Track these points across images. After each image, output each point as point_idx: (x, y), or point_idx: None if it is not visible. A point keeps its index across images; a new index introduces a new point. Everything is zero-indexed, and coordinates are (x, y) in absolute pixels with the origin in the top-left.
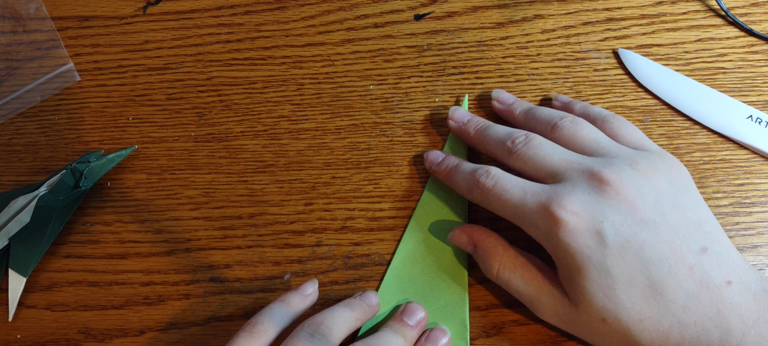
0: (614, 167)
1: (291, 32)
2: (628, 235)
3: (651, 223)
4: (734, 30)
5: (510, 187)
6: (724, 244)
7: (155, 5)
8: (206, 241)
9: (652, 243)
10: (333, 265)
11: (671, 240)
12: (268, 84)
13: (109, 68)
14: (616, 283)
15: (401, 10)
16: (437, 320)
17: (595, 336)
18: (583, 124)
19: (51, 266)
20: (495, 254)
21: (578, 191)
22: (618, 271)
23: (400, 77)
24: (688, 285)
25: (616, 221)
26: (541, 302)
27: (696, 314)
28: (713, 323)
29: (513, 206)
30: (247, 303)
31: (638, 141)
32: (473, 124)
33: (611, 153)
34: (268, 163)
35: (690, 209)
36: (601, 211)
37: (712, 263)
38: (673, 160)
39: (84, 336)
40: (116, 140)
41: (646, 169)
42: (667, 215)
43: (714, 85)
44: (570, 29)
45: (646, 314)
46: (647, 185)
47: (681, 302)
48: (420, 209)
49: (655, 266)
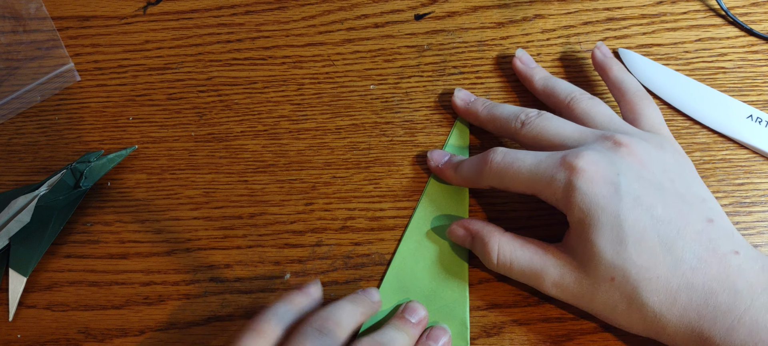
0: (626, 134)
1: (291, 32)
2: (640, 191)
3: (660, 186)
4: (734, 30)
5: (522, 155)
6: (727, 222)
7: (155, 5)
8: (206, 241)
9: (662, 204)
10: (333, 265)
11: (679, 206)
12: (268, 84)
13: (109, 68)
14: (627, 237)
15: (401, 10)
16: (438, 320)
17: (602, 301)
18: (601, 103)
19: (51, 266)
20: (492, 240)
21: (595, 147)
22: (629, 224)
23: (400, 77)
24: (696, 248)
25: (631, 176)
26: (546, 274)
27: (705, 276)
28: (722, 287)
29: (528, 171)
30: (247, 303)
31: (655, 125)
32: (481, 102)
33: (624, 130)
34: (268, 163)
35: (694, 186)
36: (617, 165)
37: (718, 233)
38: (679, 147)
39: (84, 336)
40: (116, 140)
41: (653, 144)
42: (675, 182)
43: (714, 85)
44: (570, 29)
45: (655, 273)
46: (656, 154)
47: (690, 262)
48: (421, 209)
49: (665, 226)
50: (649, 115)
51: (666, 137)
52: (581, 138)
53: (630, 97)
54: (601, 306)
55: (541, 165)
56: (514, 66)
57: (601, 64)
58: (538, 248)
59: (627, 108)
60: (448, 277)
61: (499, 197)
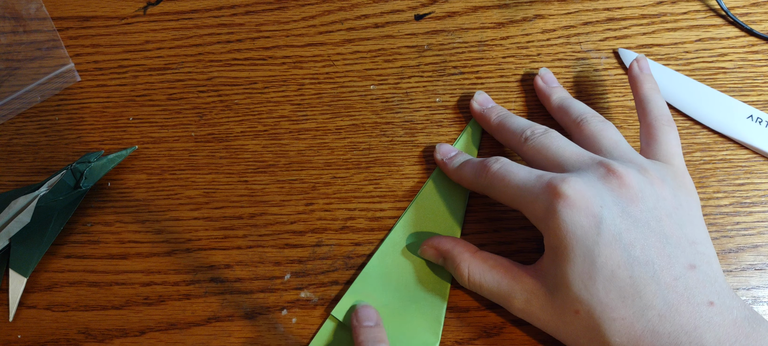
0: (623, 164)
1: (291, 32)
2: (622, 228)
3: (646, 225)
4: (734, 30)
5: (516, 169)
6: (714, 268)
7: (155, 5)
8: (206, 241)
9: (642, 244)
10: (333, 265)
11: (661, 247)
12: (268, 84)
13: (109, 68)
14: (598, 273)
15: (401, 10)
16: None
17: (566, 331)
18: (611, 127)
19: (51, 267)
20: (463, 259)
21: (585, 176)
22: (602, 261)
23: (400, 77)
24: (669, 295)
25: (615, 210)
26: (514, 298)
27: (672, 326)
28: (688, 339)
29: (516, 186)
30: (247, 303)
31: (667, 154)
32: (496, 111)
33: (633, 159)
34: (268, 163)
35: (687, 227)
36: (603, 197)
37: (698, 280)
38: (686, 181)
39: (84, 336)
40: (116, 140)
41: (653, 176)
42: (662, 222)
43: (714, 85)
44: (570, 29)
45: (621, 313)
46: (650, 189)
47: (659, 309)
48: (417, 203)
49: (640, 267)
50: (664, 143)
51: (675, 169)
52: (578, 162)
53: (651, 119)
54: (565, 335)
55: (528, 183)
56: (535, 84)
57: (635, 77)
58: (507, 271)
59: (645, 130)
60: (431, 272)
61: None
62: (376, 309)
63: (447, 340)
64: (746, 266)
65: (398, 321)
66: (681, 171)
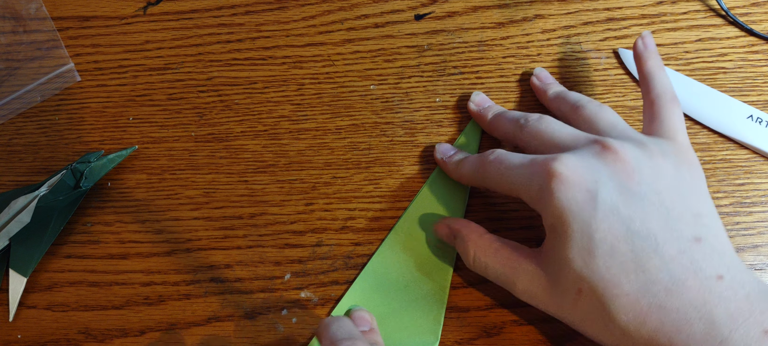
0: (619, 140)
1: (291, 32)
2: (619, 202)
3: (645, 198)
4: (734, 30)
5: (511, 156)
6: (722, 241)
7: (155, 5)
8: (207, 241)
9: (641, 217)
10: (333, 265)
11: (663, 221)
12: (268, 84)
13: (109, 68)
14: (597, 248)
15: (401, 10)
16: (411, 310)
17: (570, 312)
18: (608, 109)
19: (51, 267)
20: (471, 240)
21: (579, 153)
22: (601, 236)
23: (400, 77)
24: (674, 268)
25: (611, 185)
26: (517, 280)
27: (679, 301)
28: (698, 314)
29: (511, 171)
30: (247, 303)
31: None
32: (492, 110)
33: (632, 137)
34: (268, 163)
35: (690, 199)
36: (597, 172)
37: (704, 253)
38: (690, 156)
39: (84, 336)
40: (117, 140)
41: (653, 151)
42: (663, 195)
43: (714, 85)
44: (570, 29)
45: (624, 289)
46: (649, 164)
47: (665, 284)
48: (417, 203)
49: (642, 241)
50: (666, 119)
51: (678, 145)
52: (574, 141)
53: (653, 96)
54: (570, 316)
55: (523, 166)
56: (531, 83)
57: (639, 54)
58: (512, 253)
59: (647, 107)
60: (431, 272)
61: (499, 196)
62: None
63: (447, 340)
64: (746, 266)
65: (398, 321)
66: (684, 146)
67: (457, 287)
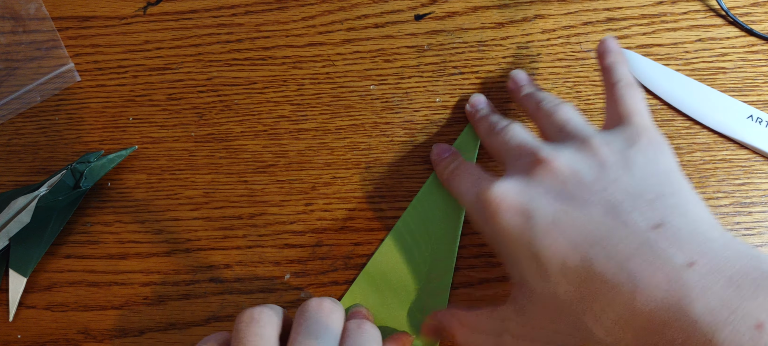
0: (555, 147)
1: (291, 32)
2: (558, 215)
3: (584, 201)
4: (735, 30)
5: (460, 176)
6: (691, 217)
7: (155, 5)
8: (206, 241)
9: (582, 218)
10: (333, 265)
11: (612, 218)
12: (268, 84)
13: (109, 68)
14: (548, 268)
15: (401, 10)
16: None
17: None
18: (564, 106)
19: (51, 267)
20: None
21: (513, 175)
22: (547, 254)
23: (400, 77)
24: (634, 268)
25: (545, 200)
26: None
27: (651, 302)
28: (673, 316)
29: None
30: (247, 303)
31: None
32: (483, 112)
33: (578, 135)
34: (268, 163)
35: (647, 182)
36: (530, 189)
37: (669, 240)
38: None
39: (84, 336)
40: (116, 140)
41: (595, 146)
42: (609, 190)
43: (714, 85)
44: (570, 29)
45: (590, 304)
46: (586, 163)
47: (628, 288)
48: (416, 203)
49: (591, 249)
50: (621, 102)
51: (632, 127)
52: (516, 157)
53: (610, 83)
54: (564, 340)
55: (469, 196)
56: (507, 86)
57: (599, 54)
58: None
59: (606, 96)
60: (431, 272)
61: None
62: (367, 309)
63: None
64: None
65: (398, 321)
66: (640, 127)
67: (457, 287)
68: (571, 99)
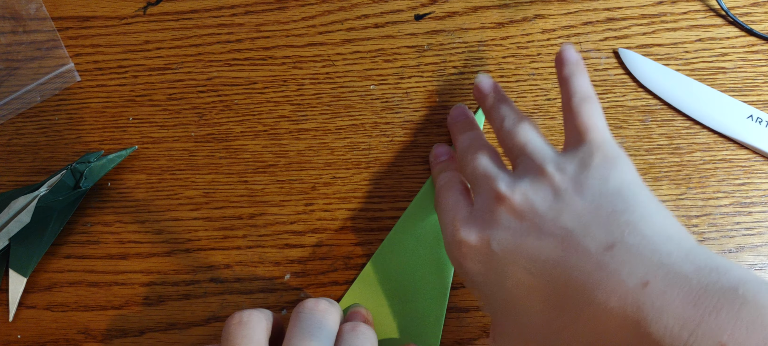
0: (513, 179)
1: (291, 32)
2: (515, 245)
3: (539, 231)
4: (735, 30)
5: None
6: (646, 233)
7: (155, 5)
8: (206, 241)
9: (539, 249)
10: (333, 265)
11: (565, 246)
12: (268, 84)
13: (109, 68)
14: (514, 306)
15: (401, 10)
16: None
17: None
18: (523, 126)
19: (51, 267)
20: None
21: (477, 213)
22: (511, 283)
23: (400, 77)
24: (592, 292)
25: (504, 236)
26: None
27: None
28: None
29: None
30: (247, 304)
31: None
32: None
33: (535, 159)
34: (268, 163)
35: (601, 202)
36: (491, 227)
37: (621, 260)
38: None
39: (84, 337)
40: (116, 141)
41: (550, 172)
42: (560, 218)
43: (714, 85)
44: (570, 29)
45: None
46: (544, 192)
47: (586, 315)
48: (416, 203)
49: (549, 274)
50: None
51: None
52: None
53: (566, 98)
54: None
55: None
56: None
57: (557, 64)
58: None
59: (564, 110)
60: (431, 273)
61: None
62: (367, 309)
63: (447, 340)
64: (746, 266)
65: (398, 321)
66: (596, 144)
67: (457, 287)
68: None
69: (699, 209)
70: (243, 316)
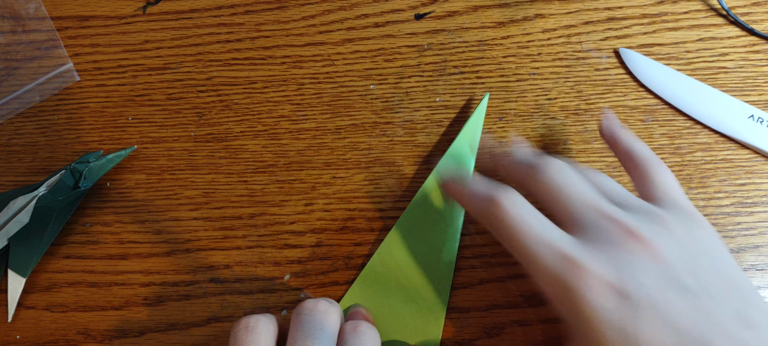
0: (643, 221)
1: (291, 32)
2: (659, 299)
3: (686, 288)
4: (736, 29)
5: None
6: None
7: (155, 5)
8: (206, 241)
9: (687, 311)
10: (333, 265)
11: (710, 310)
12: (268, 84)
13: (108, 68)
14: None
15: (402, 10)
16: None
17: None
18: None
19: (50, 267)
20: None
21: (603, 243)
22: (647, 337)
23: (400, 77)
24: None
25: (646, 282)
26: None
27: None
28: None
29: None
30: (247, 304)
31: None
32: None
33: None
34: (268, 163)
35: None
36: (626, 266)
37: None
38: (699, 218)
39: (83, 337)
40: (116, 140)
41: (676, 228)
42: (704, 281)
43: (715, 85)
44: (571, 29)
45: None
46: (676, 244)
47: None
48: (416, 203)
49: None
50: (661, 182)
51: (683, 208)
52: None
53: (638, 161)
54: None
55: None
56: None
57: (610, 134)
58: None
59: (637, 175)
60: (431, 273)
61: None
62: (367, 309)
63: (447, 340)
64: (748, 266)
65: (398, 321)
66: (691, 209)
67: (457, 287)
68: (571, 99)
69: (700, 209)
70: (250, 321)
